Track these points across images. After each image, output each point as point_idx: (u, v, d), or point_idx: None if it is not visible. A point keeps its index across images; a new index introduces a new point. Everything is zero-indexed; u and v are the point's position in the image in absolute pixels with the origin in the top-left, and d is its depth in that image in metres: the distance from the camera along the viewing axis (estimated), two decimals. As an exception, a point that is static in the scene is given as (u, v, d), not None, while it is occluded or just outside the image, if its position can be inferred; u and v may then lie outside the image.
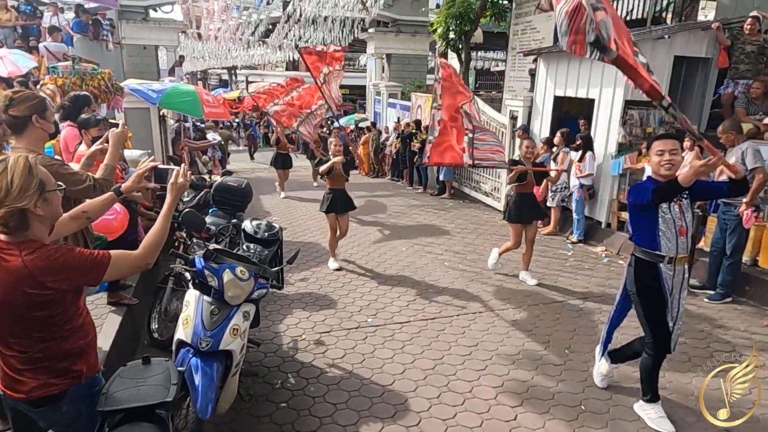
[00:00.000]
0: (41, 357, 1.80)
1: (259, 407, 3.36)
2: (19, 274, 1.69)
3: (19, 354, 1.80)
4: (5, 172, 1.66)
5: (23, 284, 1.70)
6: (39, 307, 1.74)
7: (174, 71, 15.21)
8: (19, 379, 1.82)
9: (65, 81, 5.18)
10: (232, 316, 2.80)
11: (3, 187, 1.65)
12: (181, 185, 2.21)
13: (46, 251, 1.74)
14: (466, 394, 3.55)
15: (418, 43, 19.26)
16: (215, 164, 10.06)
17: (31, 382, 1.81)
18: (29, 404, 1.85)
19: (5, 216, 1.66)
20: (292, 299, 5.15)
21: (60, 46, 8.66)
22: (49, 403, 1.85)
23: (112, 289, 4.10)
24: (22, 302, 1.72)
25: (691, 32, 6.99)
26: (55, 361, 1.83)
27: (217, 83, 35.81)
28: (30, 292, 1.71)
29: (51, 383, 1.82)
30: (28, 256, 1.71)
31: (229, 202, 5.38)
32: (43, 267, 1.71)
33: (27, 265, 1.70)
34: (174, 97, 7.47)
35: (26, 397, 1.82)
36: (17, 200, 1.66)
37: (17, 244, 1.72)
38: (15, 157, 1.72)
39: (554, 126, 8.28)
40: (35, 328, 1.77)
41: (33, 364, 1.81)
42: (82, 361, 1.90)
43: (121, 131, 3.00)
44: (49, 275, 1.72)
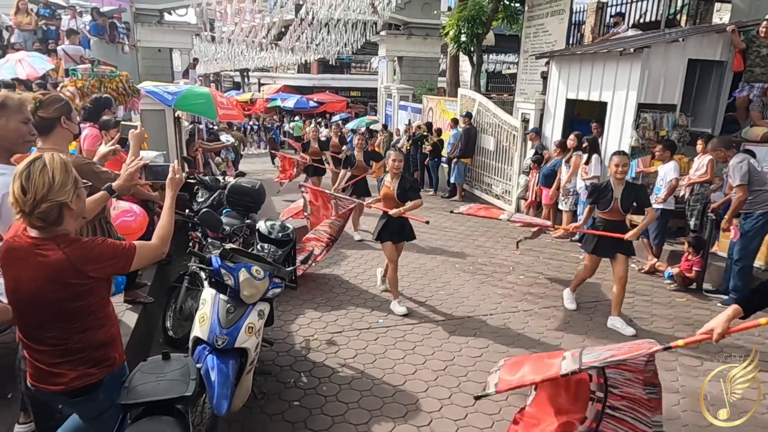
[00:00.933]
0: (79, 347, 1.88)
1: (272, 405, 3.40)
2: (61, 266, 1.77)
3: (56, 347, 1.87)
4: (45, 168, 1.74)
5: (64, 276, 1.78)
6: (79, 297, 1.83)
7: (188, 73, 15.40)
8: (55, 372, 1.88)
9: (84, 83, 5.29)
10: (248, 315, 2.85)
11: (45, 183, 1.73)
12: (178, 180, 2.31)
13: (83, 243, 1.84)
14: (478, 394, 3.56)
15: (429, 45, 19.29)
16: (228, 165, 10.16)
17: (69, 373, 1.88)
18: (67, 395, 1.92)
19: (47, 210, 1.73)
20: (304, 300, 5.20)
21: (77, 49, 8.83)
22: (88, 393, 1.92)
23: (129, 287, 4.17)
24: (63, 294, 1.80)
25: (705, 35, 6.95)
26: (92, 351, 1.91)
27: (230, 85, 36.16)
28: (71, 283, 1.79)
29: (89, 372, 1.90)
30: (67, 248, 1.79)
31: (243, 203, 5.44)
32: (84, 257, 1.81)
33: (69, 256, 1.78)
34: (189, 99, 7.57)
35: (65, 388, 1.89)
36: (58, 195, 1.74)
37: (52, 239, 1.80)
38: (50, 155, 1.80)
39: (566, 129, 8.26)
40: (74, 319, 1.85)
41: (71, 355, 1.88)
42: (114, 349, 2.00)
43: (139, 132, 3.07)
44: (90, 264, 1.81)
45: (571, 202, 7.73)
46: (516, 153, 9.32)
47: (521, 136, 9.17)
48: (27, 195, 1.70)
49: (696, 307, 5.27)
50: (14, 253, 1.81)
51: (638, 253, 6.68)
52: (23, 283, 1.80)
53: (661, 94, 6.89)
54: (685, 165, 6.49)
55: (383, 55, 19.79)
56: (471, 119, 10.55)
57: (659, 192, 6.13)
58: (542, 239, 7.84)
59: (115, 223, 3.52)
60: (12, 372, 2.70)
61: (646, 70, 6.72)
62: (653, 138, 6.94)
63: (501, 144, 9.93)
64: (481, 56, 13.46)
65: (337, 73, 33.06)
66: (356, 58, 31.65)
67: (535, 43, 11.08)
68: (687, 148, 6.94)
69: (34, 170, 1.73)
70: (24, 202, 1.71)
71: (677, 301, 5.41)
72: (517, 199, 9.22)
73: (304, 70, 32.82)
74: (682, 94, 6.97)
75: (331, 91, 30.92)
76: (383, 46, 19.53)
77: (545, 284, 5.83)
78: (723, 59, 6.98)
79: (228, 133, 11.45)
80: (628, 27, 9.62)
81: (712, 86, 7.27)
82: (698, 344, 4.15)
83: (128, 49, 12.60)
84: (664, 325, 4.81)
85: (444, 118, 12.39)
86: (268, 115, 25.75)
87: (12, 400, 3.00)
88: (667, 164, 6.11)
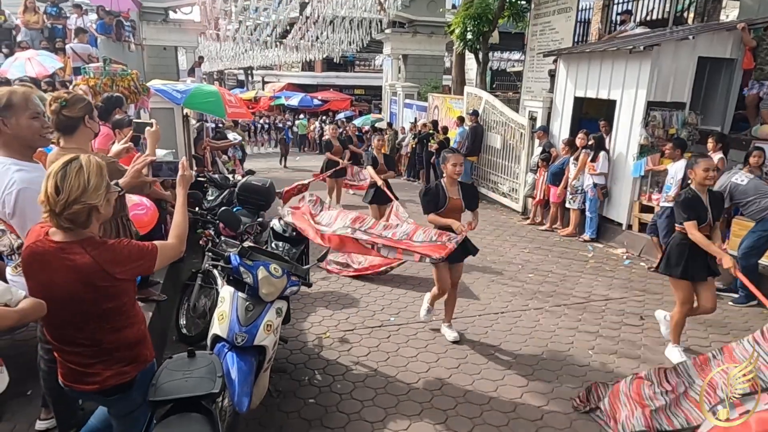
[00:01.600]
0: (114, 347, 1.89)
1: (288, 403, 3.41)
2: (89, 269, 1.77)
3: (90, 348, 1.88)
4: (81, 170, 1.74)
5: (94, 279, 1.78)
6: (110, 299, 1.84)
7: (194, 72, 15.41)
8: (89, 372, 1.89)
9: (97, 81, 5.30)
10: (266, 313, 2.87)
11: (81, 185, 1.73)
12: (188, 177, 2.29)
13: (110, 245, 1.83)
14: (491, 393, 3.57)
15: (434, 43, 19.27)
16: (236, 164, 10.17)
17: (104, 372, 1.89)
18: (102, 394, 1.93)
19: (78, 212, 1.73)
20: (315, 298, 5.21)
21: (86, 47, 8.84)
22: (123, 391, 1.93)
23: (142, 285, 4.19)
24: (94, 296, 1.80)
25: (715, 33, 6.92)
26: (125, 350, 1.92)
27: (233, 84, 36.19)
28: (101, 285, 1.79)
29: (124, 371, 1.91)
30: (94, 252, 1.79)
31: (253, 201, 5.46)
32: (112, 260, 1.81)
33: (96, 260, 1.78)
34: (197, 98, 7.58)
35: (100, 387, 1.90)
36: (91, 198, 1.74)
37: (79, 243, 1.80)
38: (86, 157, 1.80)
39: (574, 127, 8.25)
40: (107, 320, 1.86)
41: (106, 355, 1.89)
42: (145, 346, 2.02)
43: (156, 130, 3.09)
44: (118, 266, 1.82)
45: (579, 201, 7.73)
46: (523, 151, 9.32)
47: (528, 134, 9.16)
48: (60, 195, 1.70)
49: (707, 305, 5.25)
50: (40, 258, 1.80)
51: (648, 252, 6.68)
52: (54, 288, 1.79)
53: (671, 92, 6.87)
54: (694, 163, 6.45)
55: (388, 53, 19.78)
56: (478, 117, 10.54)
57: (669, 190, 6.12)
58: (549, 237, 7.86)
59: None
60: (31, 369, 2.72)
61: (656, 67, 6.70)
62: (662, 136, 6.92)
63: (508, 142, 9.92)
64: (487, 54, 13.44)
65: (342, 71, 33.05)
66: (361, 56, 31.64)
67: (542, 41, 11.05)
68: (696, 146, 6.93)
69: (70, 171, 1.73)
70: (56, 201, 1.70)
71: (688, 299, 5.40)
72: (525, 198, 9.21)
73: (308, 68, 32.81)
74: (691, 92, 6.95)
75: (336, 89, 30.93)
76: (388, 44, 19.52)
77: (555, 282, 5.83)
78: (733, 57, 6.95)
79: (234, 131, 11.47)
80: (635, 25, 9.58)
81: (722, 84, 7.24)
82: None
83: (134, 48, 12.62)
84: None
85: (450, 116, 12.38)
86: (273, 114, 25.58)
87: (32, 397, 3.03)
88: (678, 162, 6.10)
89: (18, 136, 2.35)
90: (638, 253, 6.87)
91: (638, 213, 7.14)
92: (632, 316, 4.93)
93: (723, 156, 6.04)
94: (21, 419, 2.91)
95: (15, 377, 3.17)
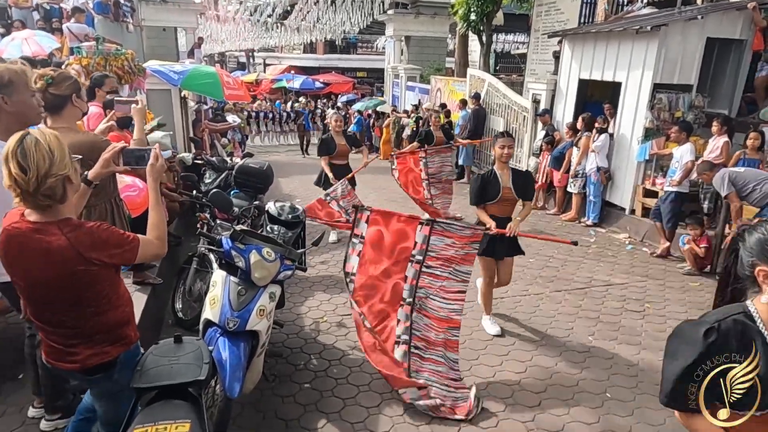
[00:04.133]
0: (95, 330, 1.86)
1: (283, 387, 3.39)
2: (64, 252, 1.71)
3: (72, 329, 1.84)
4: (39, 143, 1.66)
5: (71, 263, 1.72)
6: (88, 284, 1.78)
7: (193, 53, 15.21)
8: (71, 351, 1.86)
9: (90, 61, 5.19)
10: (259, 297, 2.81)
11: (46, 158, 1.65)
12: (159, 167, 2.09)
13: (88, 228, 1.76)
14: (489, 379, 3.53)
15: (437, 25, 18.93)
16: (235, 146, 10.08)
17: (85, 351, 1.86)
18: (83, 373, 1.90)
19: (53, 186, 1.66)
20: (313, 281, 5.17)
21: (82, 27, 8.69)
22: (104, 371, 1.90)
23: (137, 268, 4.15)
24: (71, 281, 1.75)
25: (725, 13, 6.73)
26: (107, 331, 1.89)
27: (234, 66, 35.85)
28: (77, 269, 1.73)
29: (105, 351, 1.88)
30: (70, 234, 1.72)
31: (251, 184, 5.39)
32: (89, 243, 1.74)
33: (72, 242, 1.71)
34: (195, 79, 7.47)
35: (81, 366, 1.87)
36: (60, 168, 1.68)
37: (56, 224, 1.73)
38: (36, 130, 1.73)
39: (578, 110, 8.10)
40: (87, 304, 1.82)
41: (88, 336, 1.86)
42: (130, 327, 1.98)
43: (141, 107, 3.02)
44: (94, 251, 1.75)
45: (579, 185, 7.62)
46: (526, 134, 9.18)
47: (531, 117, 9.02)
48: (28, 173, 1.61)
49: (709, 291, 5.19)
50: (15, 240, 1.73)
51: (651, 238, 6.60)
52: (33, 270, 1.74)
53: (678, 74, 6.71)
54: (700, 147, 6.34)
55: (390, 35, 19.47)
56: (479, 100, 10.38)
57: (674, 174, 6.01)
58: (552, 221, 7.77)
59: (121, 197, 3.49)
60: (23, 353, 2.69)
61: (663, 49, 6.53)
62: (668, 119, 6.79)
63: (511, 125, 9.77)
64: (490, 35, 13.20)
65: (344, 53, 32.64)
66: (363, 38, 31.19)
67: (547, 22, 10.83)
68: (702, 129, 6.79)
69: (28, 147, 1.63)
70: (27, 181, 1.62)
71: (690, 285, 5.35)
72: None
73: (310, 51, 32.40)
74: (699, 74, 6.80)
75: (338, 71, 30.56)
76: (390, 26, 19.19)
77: (556, 267, 5.77)
78: (743, 38, 6.77)
79: (234, 113, 11.35)
80: (643, 5, 9.36)
81: (731, 66, 7.07)
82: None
83: (133, 28, 12.43)
84: (678, 309, 4.76)
85: (452, 98, 12.21)
86: (282, 98, 24.26)
87: (24, 381, 3.00)
88: (683, 146, 5.98)
89: (18, 113, 2.31)
90: (641, 238, 6.79)
91: (642, 198, 7.04)
92: (633, 302, 4.88)
93: (728, 140, 5.92)
94: (12, 403, 2.88)
95: (6, 361, 3.16)
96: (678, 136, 6.09)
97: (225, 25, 23.18)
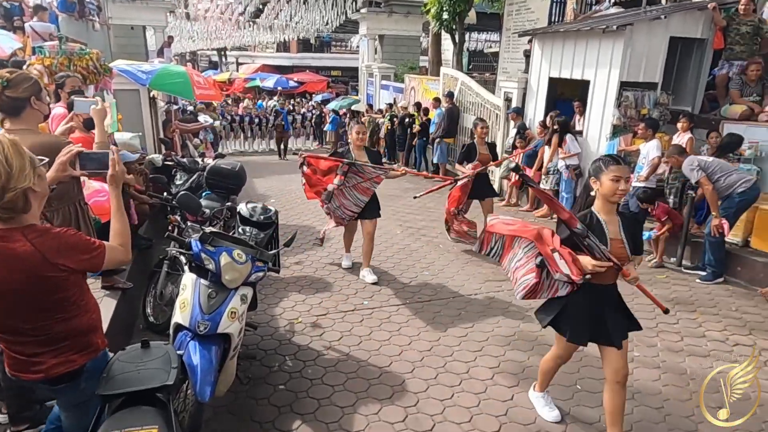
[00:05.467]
0: (63, 336, 1.82)
1: (258, 390, 3.36)
2: (30, 258, 1.67)
3: (37, 338, 1.80)
4: None
5: (38, 269, 1.68)
6: (55, 289, 1.75)
7: (163, 52, 14.91)
8: (35, 360, 1.82)
9: (52, 61, 5.04)
10: (230, 300, 2.78)
11: (3, 171, 1.59)
12: (119, 175, 2.02)
13: (53, 233, 1.73)
14: (462, 375, 3.58)
15: (411, 23, 19.00)
16: (207, 147, 9.93)
17: (50, 360, 1.82)
18: (49, 383, 1.86)
19: (13, 200, 1.61)
20: (288, 282, 5.14)
21: (46, 26, 8.41)
22: (70, 380, 1.86)
23: (106, 273, 4.06)
24: (39, 287, 1.71)
25: (687, 12, 6.93)
26: (75, 338, 1.85)
27: (206, 65, 35.30)
28: (44, 275, 1.70)
29: (71, 359, 1.84)
30: (36, 240, 1.69)
31: (223, 185, 5.31)
32: (55, 248, 1.70)
33: (38, 248, 1.68)
34: (164, 79, 7.33)
35: (46, 376, 1.83)
36: (20, 181, 1.62)
37: (20, 230, 1.69)
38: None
39: (549, 108, 8.24)
40: (55, 310, 1.78)
41: (54, 344, 1.82)
42: (97, 334, 1.94)
43: (101, 108, 2.95)
44: (61, 256, 1.72)
45: (552, 181, 7.77)
46: (499, 132, 9.29)
47: (504, 115, 9.13)
48: None
49: (676, 283, 5.36)
50: None
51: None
52: None
53: (643, 72, 6.89)
54: (665, 143, 6.53)
55: (364, 34, 19.45)
56: (453, 98, 10.46)
57: (641, 170, 6.17)
58: (525, 218, 7.89)
59: (89, 203, 3.41)
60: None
61: (629, 47, 6.70)
62: (635, 116, 6.96)
63: (484, 123, 9.86)
64: (463, 34, 13.33)
65: (318, 52, 32.49)
66: (337, 36, 31.11)
67: (518, 21, 10.98)
68: (668, 126, 6.99)
69: None
70: None
71: (657, 278, 5.50)
72: (501, 179, 9.22)
73: (283, 49, 32.16)
74: (663, 72, 6.99)
75: (312, 70, 30.41)
76: (364, 24, 19.18)
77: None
78: (704, 37, 6.99)
79: (206, 114, 11.18)
80: (610, 4, 9.56)
81: (693, 64, 7.29)
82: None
83: (99, 27, 12.12)
84: (645, 302, 4.85)
85: (426, 97, 12.28)
86: (238, 96, 23.51)
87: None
88: (650, 142, 6.15)
89: None
90: (610, 232, 6.94)
91: (611, 193, 7.19)
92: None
93: (692, 136, 6.12)
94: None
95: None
96: (644, 133, 6.26)
97: (196, 23, 22.76)
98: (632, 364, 3.71)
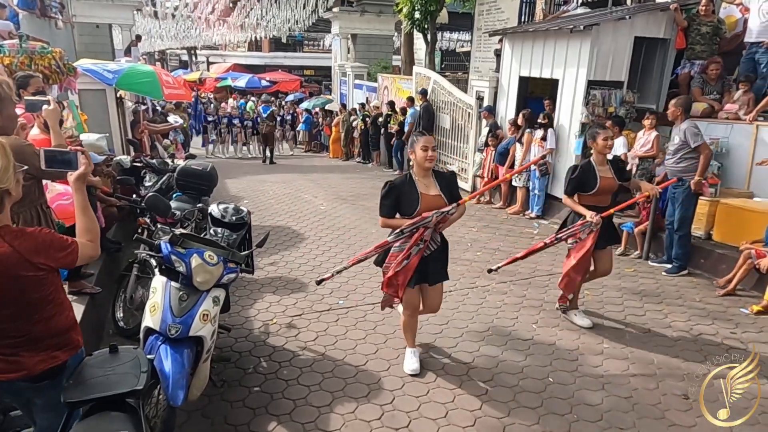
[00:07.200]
0: (43, 336, 1.82)
1: (232, 392, 3.33)
2: (10, 260, 1.67)
3: (18, 338, 1.79)
4: None
5: (16, 269, 1.69)
6: (35, 289, 1.76)
7: (130, 51, 14.57)
8: (15, 359, 1.80)
9: (12, 60, 4.87)
10: (202, 302, 2.75)
11: None
12: (82, 176, 1.98)
13: (29, 234, 1.74)
14: (438, 371, 3.61)
15: (383, 23, 19.02)
16: (177, 148, 9.75)
17: (33, 358, 1.81)
18: (31, 380, 1.85)
19: None
20: (262, 283, 5.10)
21: (6, 24, 8.13)
22: (52, 377, 1.86)
23: (73, 277, 3.95)
24: (19, 288, 1.71)
25: (650, 13, 7.14)
26: (55, 336, 1.86)
27: (176, 64, 34.62)
28: (24, 275, 1.70)
29: (54, 356, 1.85)
30: (14, 241, 1.69)
31: (194, 186, 5.22)
32: (33, 248, 1.72)
33: (17, 248, 1.68)
34: (131, 78, 7.17)
35: (29, 373, 1.82)
36: (2, 181, 1.63)
37: None
38: None
39: (520, 106, 8.38)
40: (35, 310, 1.78)
41: (33, 343, 1.82)
42: (75, 331, 1.96)
43: (53, 108, 2.89)
44: (39, 255, 1.73)
45: (524, 179, 7.90)
46: (471, 131, 9.40)
47: (476, 114, 9.23)
48: None
49: (643, 277, 5.51)
50: None
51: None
52: None
53: (610, 71, 7.07)
54: (632, 140, 6.72)
55: (336, 33, 19.39)
56: (426, 96, 10.52)
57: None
58: (498, 215, 8.02)
59: (52, 206, 3.31)
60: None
61: (596, 47, 6.86)
62: (602, 114, 7.13)
63: (456, 122, 9.97)
64: (435, 34, 13.41)
65: (290, 51, 32.19)
66: (309, 35, 30.89)
67: (488, 21, 11.11)
68: (633, 123, 7.19)
69: None
70: None
71: (625, 271, 5.65)
72: (474, 177, 9.33)
73: (255, 48, 31.72)
74: (628, 71, 7.18)
75: (284, 69, 30.11)
76: (336, 23, 19.12)
77: (502, 259, 5.90)
78: (667, 37, 7.20)
79: (176, 114, 10.98)
80: (577, 5, 9.77)
81: (657, 63, 7.51)
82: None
83: (62, 25, 11.75)
84: (614, 294, 5.02)
85: (399, 96, 12.32)
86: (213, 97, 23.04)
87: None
88: (617, 140, 6.31)
89: (3, 128, 2.29)
90: (581, 228, 7.09)
91: (580, 190, 7.36)
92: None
93: (657, 133, 6.31)
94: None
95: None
96: (611, 130, 6.40)
97: (164, 21, 22.29)
98: (601, 356, 3.82)
